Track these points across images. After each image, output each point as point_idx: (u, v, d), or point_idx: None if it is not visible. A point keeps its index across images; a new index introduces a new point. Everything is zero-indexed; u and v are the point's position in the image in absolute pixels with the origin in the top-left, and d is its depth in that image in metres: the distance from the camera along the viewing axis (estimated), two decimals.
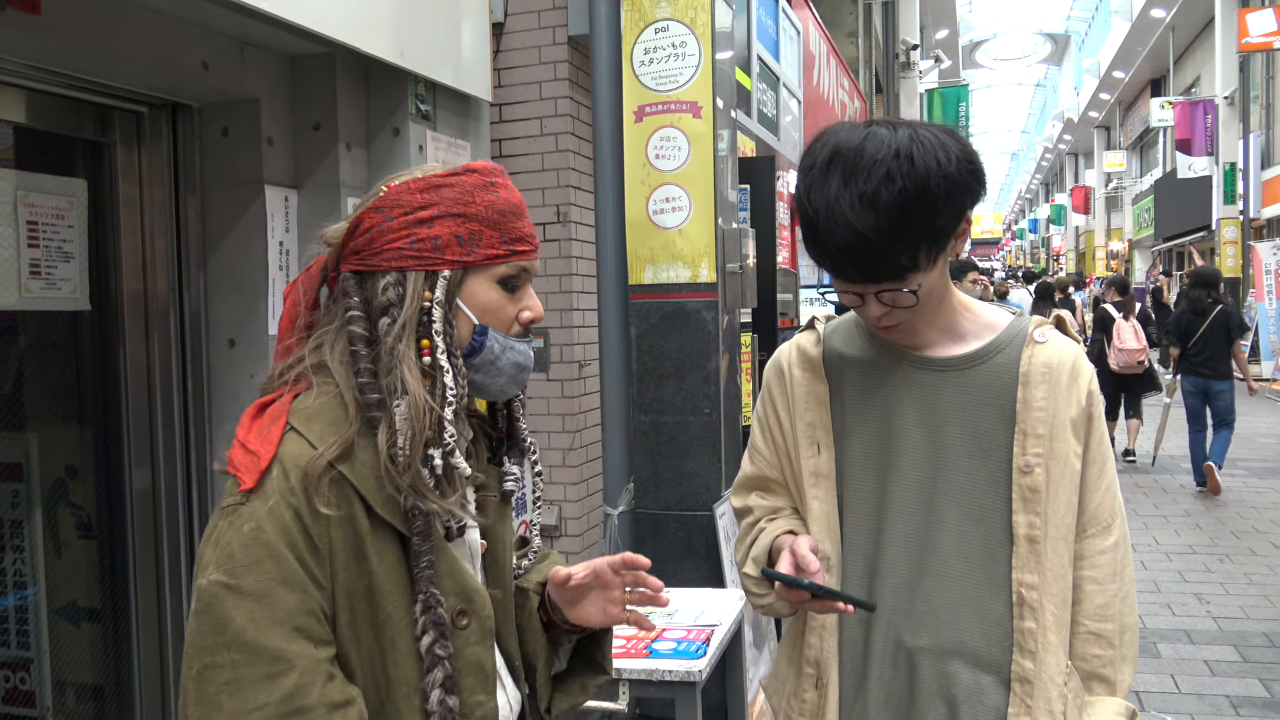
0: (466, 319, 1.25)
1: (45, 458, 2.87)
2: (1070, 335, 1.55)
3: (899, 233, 1.34)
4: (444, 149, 3.43)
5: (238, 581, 1.12)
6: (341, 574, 1.17)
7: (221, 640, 1.11)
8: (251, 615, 1.11)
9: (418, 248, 1.22)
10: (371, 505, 1.18)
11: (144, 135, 2.93)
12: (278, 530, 1.13)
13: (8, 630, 2.83)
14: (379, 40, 2.94)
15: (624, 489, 3.69)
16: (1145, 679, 4.53)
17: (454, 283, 1.23)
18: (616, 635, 2.71)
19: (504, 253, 1.25)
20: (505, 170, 1.32)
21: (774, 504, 1.65)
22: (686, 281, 3.54)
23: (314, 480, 1.14)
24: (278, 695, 1.10)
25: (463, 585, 1.25)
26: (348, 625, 1.18)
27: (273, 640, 1.11)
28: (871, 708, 1.51)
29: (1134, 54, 26.98)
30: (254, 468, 1.15)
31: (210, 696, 1.10)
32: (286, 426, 1.19)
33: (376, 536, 1.19)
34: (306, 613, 1.13)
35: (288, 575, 1.13)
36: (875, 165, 1.33)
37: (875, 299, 1.42)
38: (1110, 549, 1.49)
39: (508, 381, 1.29)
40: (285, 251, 3.02)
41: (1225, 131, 20.31)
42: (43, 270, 2.64)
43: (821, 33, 6.62)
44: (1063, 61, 43.11)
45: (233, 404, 2.96)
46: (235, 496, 1.16)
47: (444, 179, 1.24)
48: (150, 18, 2.57)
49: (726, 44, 3.71)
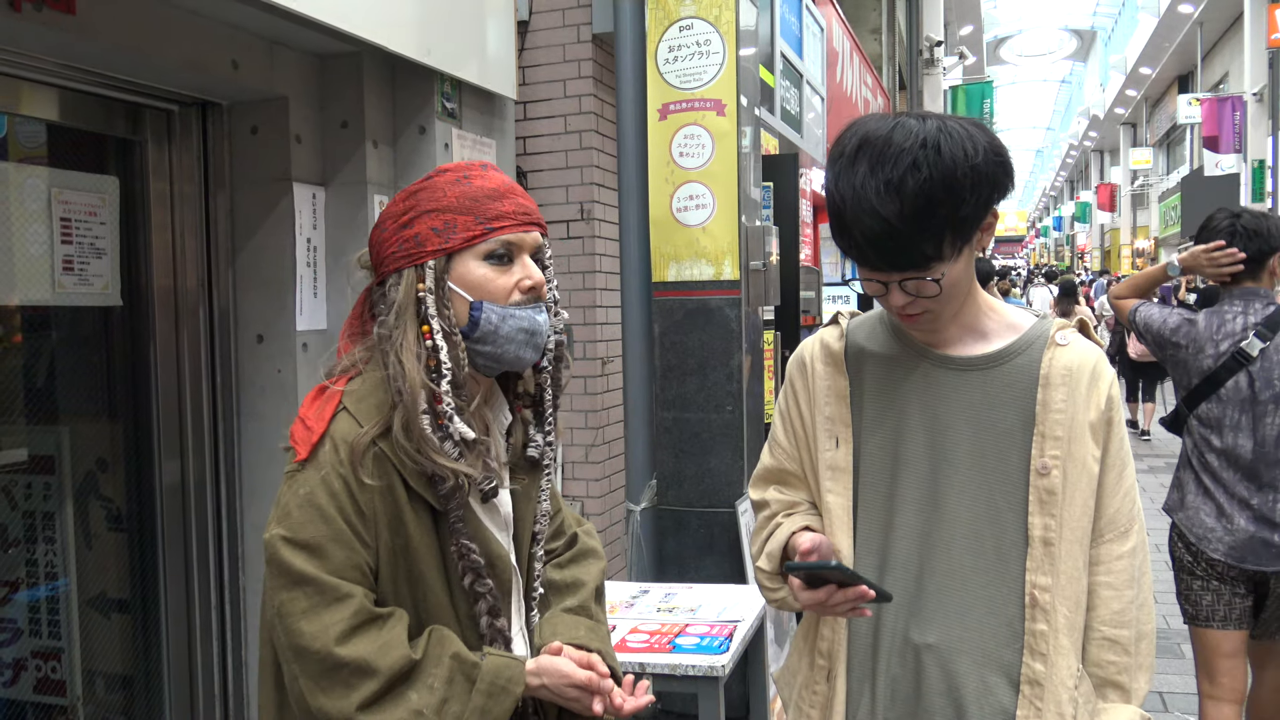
0: (462, 299, 1.38)
1: (76, 451, 2.91)
2: (1093, 339, 1.54)
3: (924, 221, 1.34)
4: (469, 147, 3.45)
5: (295, 535, 1.32)
6: (384, 534, 1.36)
7: (290, 579, 1.32)
8: (310, 560, 1.31)
9: (405, 248, 1.38)
10: (406, 478, 1.35)
11: (175, 133, 2.97)
12: (328, 495, 1.32)
13: (39, 620, 2.87)
14: (406, 39, 2.96)
15: (646, 485, 3.71)
16: (1169, 679, 4.51)
17: (440, 269, 1.37)
18: (639, 630, 2.73)
19: (480, 232, 1.37)
20: (490, 165, 1.44)
21: (792, 498, 1.65)
22: (710, 279, 3.55)
23: (359, 454, 1.33)
24: (346, 613, 1.31)
25: (488, 550, 1.42)
26: (389, 579, 1.37)
27: (333, 577, 1.32)
28: (879, 703, 1.51)
29: (1161, 50, 26.73)
30: (308, 441, 1.35)
31: (294, 625, 1.31)
32: (339, 406, 1.37)
33: (413, 506, 1.37)
34: (353, 566, 1.33)
35: (337, 534, 1.32)
36: (902, 154, 1.34)
37: (899, 288, 1.42)
38: (1127, 554, 1.48)
39: (519, 347, 1.40)
40: (313, 248, 3.05)
41: (1253, 128, 20.08)
42: (75, 266, 2.67)
43: (845, 29, 6.60)
44: (1089, 58, 42.76)
45: (260, 398, 2.99)
46: (293, 465, 1.36)
47: (420, 184, 1.41)
48: (182, 18, 2.60)
49: (750, 41, 3.71)
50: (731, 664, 2.54)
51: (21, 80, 2.49)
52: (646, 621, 2.81)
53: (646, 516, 3.69)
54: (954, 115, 1.44)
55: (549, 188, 4.17)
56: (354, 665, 1.29)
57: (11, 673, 2.85)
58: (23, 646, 2.86)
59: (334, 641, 1.29)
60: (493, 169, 1.44)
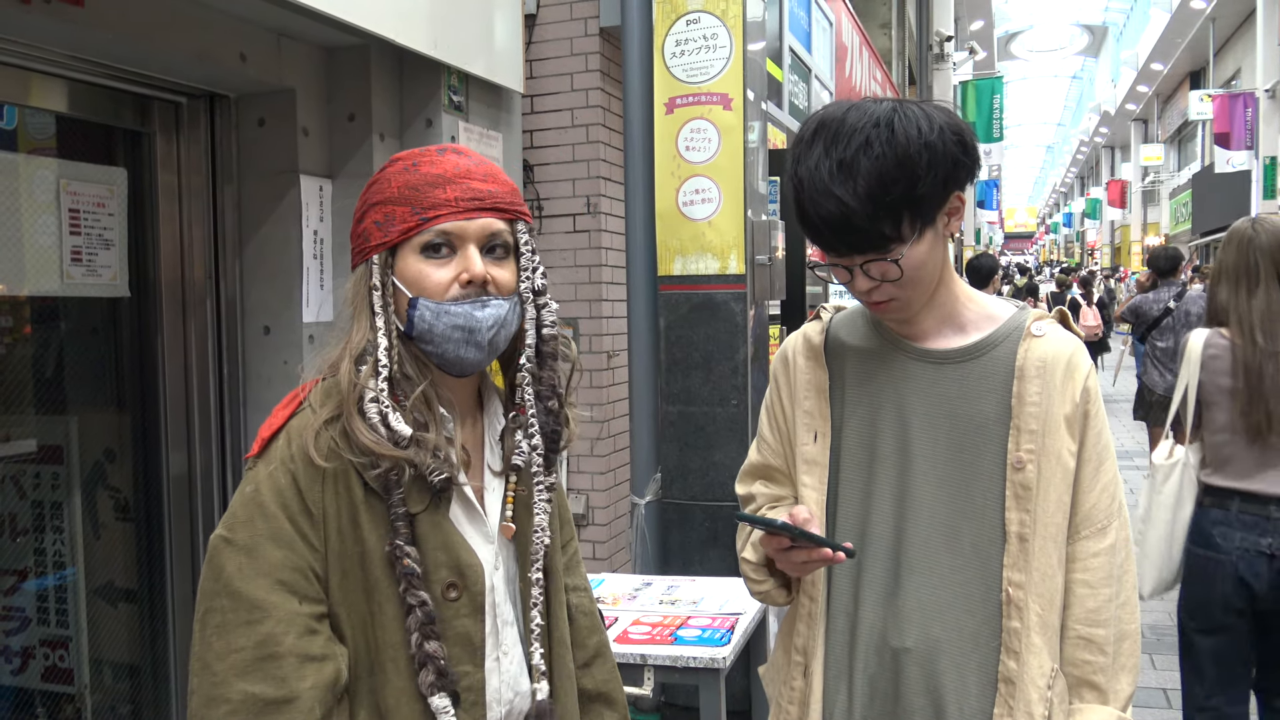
0: (403, 295, 1.29)
1: (84, 441, 2.93)
2: (1072, 329, 1.52)
3: (878, 200, 1.33)
4: (476, 140, 3.46)
5: (233, 535, 1.23)
6: (334, 539, 1.25)
7: (216, 587, 1.22)
8: (240, 566, 1.21)
9: (356, 244, 1.33)
10: (361, 473, 1.25)
11: (182, 125, 2.98)
12: (272, 491, 1.24)
13: (47, 609, 2.89)
14: (413, 32, 2.97)
15: (651, 479, 3.72)
16: (1173, 676, 4.50)
17: (384, 265, 1.29)
18: (641, 622, 2.74)
19: (415, 224, 1.28)
20: (452, 148, 1.35)
21: (777, 493, 1.64)
22: (715, 273, 3.55)
23: (310, 437, 1.24)
24: (253, 640, 1.19)
25: (455, 558, 1.29)
26: (339, 587, 1.26)
27: (255, 590, 1.20)
28: (857, 701, 1.49)
29: (1173, 46, 26.59)
30: (262, 436, 1.28)
31: (206, 636, 1.21)
32: (303, 403, 1.30)
33: (370, 506, 1.26)
34: (292, 569, 1.22)
35: (276, 532, 1.23)
36: (855, 133, 1.34)
37: (862, 272, 1.41)
38: (1105, 552, 1.44)
39: (458, 346, 1.29)
40: (319, 240, 3.07)
41: (1265, 125, 19.95)
42: (84, 257, 2.69)
43: (854, 24, 6.59)
44: (1100, 53, 42.56)
45: (267, 390, 3.01)
46: (248, 461, 1.29)
47: (376, 175, 1.34)
48: (190, 10, 2.61)
49: (758, 35, 3.71)
50: (733, 656, 2.55)
51: (31, 72, 2.50)
52: (649, 614, 2.82)
53: (651, 510, 3.70)
54: (922, 100, 1.43)
55: (555, 181, 4.18)
56: (239, 701, 1.17)
57: (20, 661, 2.88)
58: (31, 635, 2.89)
59: (232, 670, 1.18)
60: (452, 152, 1.33)
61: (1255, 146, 20.15)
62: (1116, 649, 1.45)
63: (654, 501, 3.70)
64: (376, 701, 1.26)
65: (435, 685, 1.24)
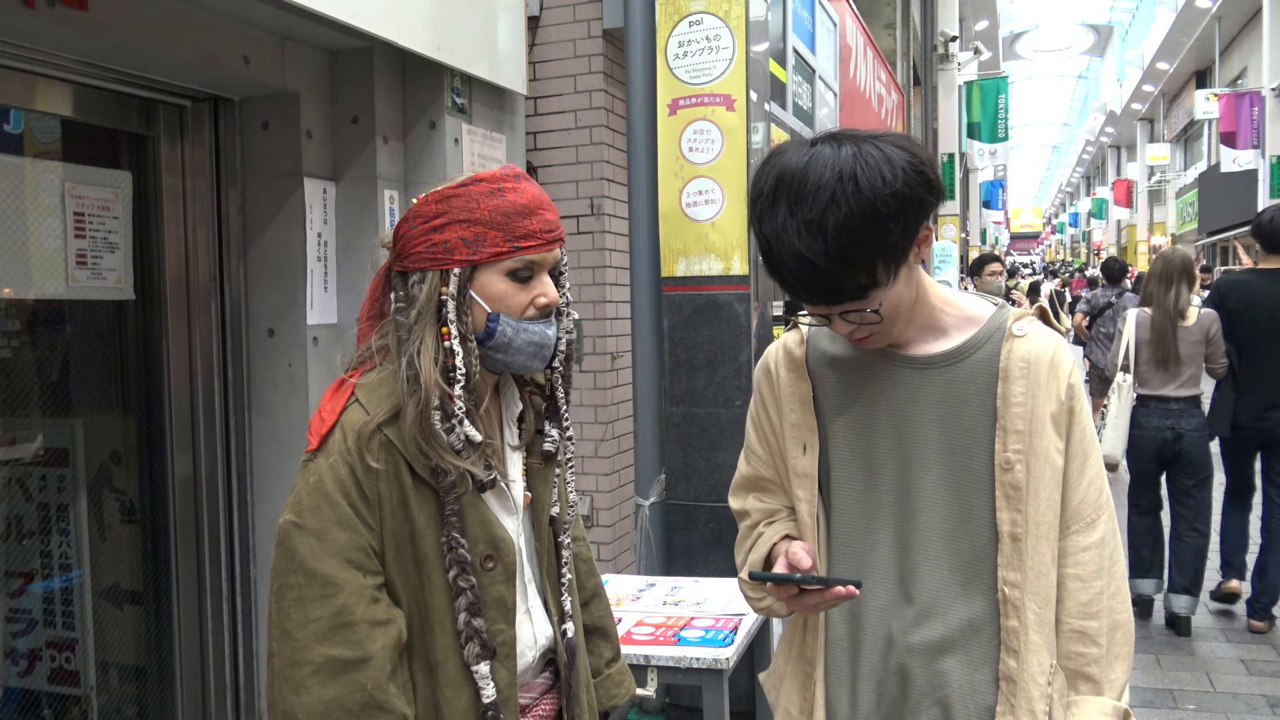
0: (480, 308, 1.45)
1: (90, 443, 2.94)
2: (1053, 326, 1.51)
3: (851, 256, 1.31)
4: (479, 142, 3.46)
5: (302, 520, 1.41)
6: (389, 519, 1.44)
7: (291, 565, 1.40)
8: (312, 548, 1.39)
9: (433, 251, 1.44)
10: (412, 464, 1.43)
11: (186, 128, 2.99)
12: (335, 481, 1.41)
13: (53, 611, 2.90)
14: (416, 34, 2.98)
15: (655, 480, 3.72)
16: (1180, 676, 4.49)
17: (464, 278, 1.44)
18: (645, 623, 2.74)
19: (508, 250, 1.43)
20: (521, 174, 1.48)
21: (771, 506, 1.64)
22: (719, 274, 3.56)
23: (365, 440, 1.41)
24: (329, 611, 1.38)
25: (491, 534, 1.48)
26: (394, 561, 1.45)
27: (327, 568, 1.39)
28: (863, 706, 1.50)
29: (1179, 45, 26.54)
30: (319, 431, 1.44)
31: (285, 608, 1.40)
32: (351, 398, 1.46)
33: (418, 490, 1.44)
34: (357, 548, 1.41)
35: (341, 517, 1.40)
36: (819, 191, 1.30)
37: (840, 318, 1.41)
38: (1095, 545, 1.46)
39: (528, 358, 1.49)
40: (323, 243, 3.07)
41: (1272, 124, 19.89)
42: (89, 260, 2.70)
43: (858, 24, 6.58)
44: (1105, 53, 42.50)
45: (271, 392, 3.01)
46: (306, 455, 1.45)
47: (455, 190, 1.45)
48: (194, 13, 2.62)
49: (761, 36, 3.71)
50: (736, 657, 2.55)
51: (35, 76, 2.51)
52: (652, 614, 2.82)
53: (655, 511, 3.70)
54: (874, 133, 1.38)
55: (559, 183, 4.18)
56: (321, 663, 1.37)
57: (26, 663, 2.89)
58: (37, 637, 2.90)
59: (312, 637, 1.37)
60: (525, 180, 1.48)
61: (1261, 145, 20.10)
62: (1110, 639, 1.46)
63: (658, 503, 3.70)
64: (428, 655, 1.46)
65: (479, 655, 1.45)
